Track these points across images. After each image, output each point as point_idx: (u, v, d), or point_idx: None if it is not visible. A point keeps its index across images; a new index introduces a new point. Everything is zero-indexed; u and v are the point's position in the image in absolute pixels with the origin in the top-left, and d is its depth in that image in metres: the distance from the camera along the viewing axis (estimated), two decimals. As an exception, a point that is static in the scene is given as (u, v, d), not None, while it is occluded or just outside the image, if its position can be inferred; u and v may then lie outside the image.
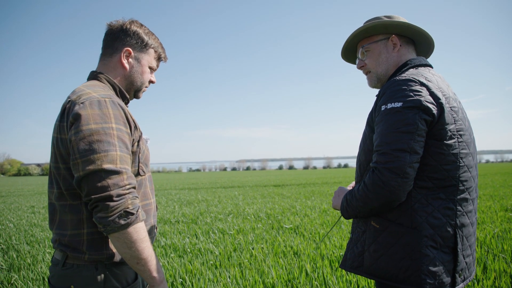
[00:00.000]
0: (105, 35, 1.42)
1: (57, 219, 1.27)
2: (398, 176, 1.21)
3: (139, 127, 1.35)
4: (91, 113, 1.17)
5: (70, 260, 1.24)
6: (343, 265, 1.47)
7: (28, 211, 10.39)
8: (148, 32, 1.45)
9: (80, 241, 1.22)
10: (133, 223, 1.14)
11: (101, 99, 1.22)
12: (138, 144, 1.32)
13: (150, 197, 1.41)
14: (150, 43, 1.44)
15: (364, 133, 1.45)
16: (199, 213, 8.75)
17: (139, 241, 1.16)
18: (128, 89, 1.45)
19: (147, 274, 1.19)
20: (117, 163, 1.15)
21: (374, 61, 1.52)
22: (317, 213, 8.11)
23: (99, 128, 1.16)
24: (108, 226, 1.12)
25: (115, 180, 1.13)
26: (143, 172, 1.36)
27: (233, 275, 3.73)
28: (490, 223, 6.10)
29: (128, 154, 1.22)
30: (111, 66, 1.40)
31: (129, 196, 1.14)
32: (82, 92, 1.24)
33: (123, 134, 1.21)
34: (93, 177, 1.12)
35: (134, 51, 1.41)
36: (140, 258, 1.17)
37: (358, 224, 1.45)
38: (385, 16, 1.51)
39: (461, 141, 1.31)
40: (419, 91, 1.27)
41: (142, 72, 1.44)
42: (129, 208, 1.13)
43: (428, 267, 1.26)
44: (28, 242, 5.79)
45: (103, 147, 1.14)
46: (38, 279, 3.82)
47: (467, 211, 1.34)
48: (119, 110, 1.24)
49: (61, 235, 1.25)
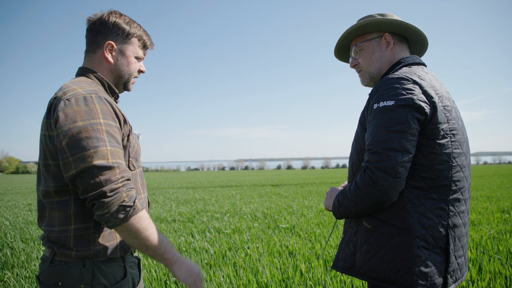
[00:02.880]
0: (86, 30, 1.39)
1: (47, 216, 1.26)
2: (389, 176, 1.20)
3: (128, 122, 1.34)
4: (77, 110, 1.16)
5: (58, 257, 1.23)
6: (335, 266, 1.46)
7: (24, 209, 10.35)
8: (129, 21, 1.41)
9: (67, 237, 1.22)
10: (132, 215, 1.14)
11: (87, 95, 1.21)
12: (128, 138, 1.31)
13: (141, 192, 1.40)
14: (132, 32, 1.40)
15: (357, 132, 1.44)
16: (195, 212, 8.74)
17: (143, 230, 1.17)
18: (117, 83, 1.43)
19: (159, 257, 1.23)
20: (108, 158, 1.14)
21: (367, 60, 1.50)
22: (313, 213, 8.11)
23: (87, 124, 1.15)
24: (109, 222, 1.12)
25: (107, 176, 1.12)
26: (133, 167, 1.35)
27: (227, 274, 3.72)
28: (487, 224, 6.11)
29: (120, 148, 1.21)
30: (96, 62, 1.38)
31: (123, 189, 1.14)
32: (68, 88, 1.23)
33: (113, 129, 1.20)
34: (86, 174, 1.11)
35: (116, 44, 1.38)
36: (147, 245, 1.19)
37: (350, 225, 1.44)
38: (378, 14, 1.49)
39: (454, 140, 1.30)
40: (412, 89, 1.25)
41: (128, 64, 1.41)
42: (125, 201, 1.13)
43: (420, 268, 1.24)
44: (23, 239, 5.77)
45: (92, 143, 1.13)
46: (31, 276, 3.80)
47: (460, 212, 1.32)
48: (106, 105, 1.22)
49: (50, 231, 1.24)
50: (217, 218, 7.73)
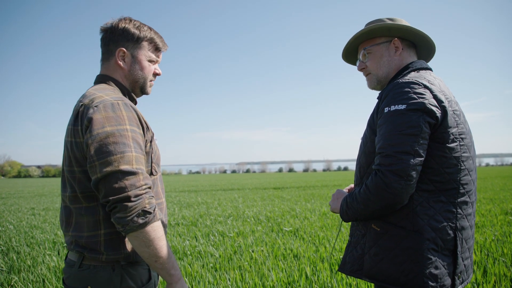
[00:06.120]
0: (100, 40, 1.42)
1: (73, 222, 1.28)
2: (401, 179, 1.21)
3: (150, 128, 1.37)
4: (106, 116, 1.19)
5: (87, 261, 1.25)
6: (342, 269, 1.47)
7: (28, 213, 10.38)
8: (138, 25, 1.41)
9: (98, 242, 1.24)
10: (151, 222, 1.16)
11: (114, 101, 1.24)
12: (151, 144, 1.34)
13: (161, 197, 1.42)
14: (142, 36, 1.40)
15: (365, 135, 1.44)
16: (199, 216, 8.74)
17: (157, 240, 1.18)
18: (133, 88, 1.45)
19: (165, 272, 1.22)
20: (133, 164, 1.17)
21: (376, 64, 1.52)
22: (317, 216, 8.10)
23: (114, 130, 1.17)
24: (127, 226, 1.13)
25: (132, 181, 1.14)
26: (155, 172, 1.37)
27: (233, 278, 3.73)
28: (490, 227, 6.10)
29: (143, 155, 1.24)
30: (111, 69, 1.41)
31: (146, 196, 1.16)
32: (94, 95, 1.26)
33: (137, 135, 1.23)
34: (111, 178, 1.13)
35: (128, 49, 1.39)
36: (158, 256, 1.19)
37: (357, 227, 1.45)
38: (388, 18, 1.51)
39: (462, 144, 1.32)
40: (423, 93, 1.27)
41: (141, 68, 1.42)
42: (146, 208, 1.15)
43: (430, 270, 1.26)
44: (28, 244, 5.78)
45: (119, 148, 1.16)
46: (38, 281, 3.82)
47: (467, 214, 1.34)
48: (132, 112, 1.25)
49: (78, 237, 1.25)
50: (221, 222, 7.74)
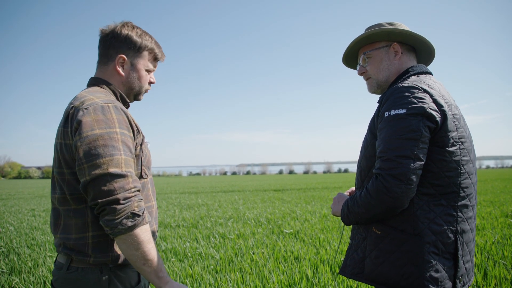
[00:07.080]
0: (99, 42, 1.41)
1: (61, 224, 1.28)
2: (402, 183, 1.22)
3: (141, 131, 1.37)
4: (95, 119, 1.19)
5: (75, 264, 1.25)
6: (342, 272, 1.47)
7: (28, 214, 10.38)
8: (141, 34, 1.42)
9: (86, 244, 1.24)
10: (139, 225, 1.16)
11: (104, 104, 1.24)
12: (141, 147, 1.34)
13: (152, 200, 1.43)
14: (143, 46, 1.41)
15: (366, 139, 1.45)
16: (199, 218, 8.74)
17: (146, 243, 1.18)
18: (128, 94, 1.46)
19: (153, 276, 1.21)
20: (122, 166, 1.17)
21: (375, 68, 1.53)
22: (317, 218, 8.10)
23: (104, 133, 1.18)
24: (115, 229, 1.13)
25: (121, 184, 1.15)
26: (145, 175, 1.38)
27: (234, 280, 3.73)
28: (491, 229, 6.09)
29: (132, 158, 1.24)
30: (108, 74, 1.41)
31: (135, 199, 1.16)
32: (85, 98, 1.26)
33: (127, 138, 1.24)
34: (99, 181, 1.13)
35: (128, 57, 1.40)
36: (146, 259, 1.18)
37: (358, 230, 1.46)
38: (387, 23, 1.52)
39: (462, 148, 1.33)
40: (423, 98, 1.28)
41: (139, 77, 1.43)
42: (135, 210, 1.15)
43: (431, 273, 1.26)
44: (28, 245, 5.79)
45: (108, 151, 1.16)
46: (39, 282, 3.82)
47: (467, 217, 1.35)
48: (122, 115, 1.26)
49: (66, 239, 1.26)
50: (221, 224, 7.74)
